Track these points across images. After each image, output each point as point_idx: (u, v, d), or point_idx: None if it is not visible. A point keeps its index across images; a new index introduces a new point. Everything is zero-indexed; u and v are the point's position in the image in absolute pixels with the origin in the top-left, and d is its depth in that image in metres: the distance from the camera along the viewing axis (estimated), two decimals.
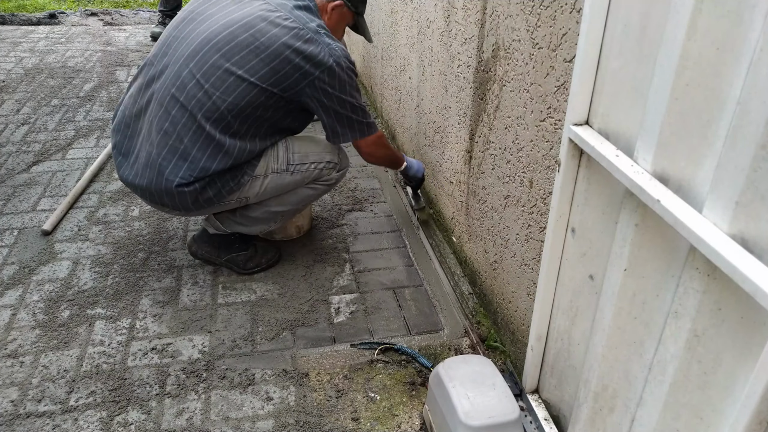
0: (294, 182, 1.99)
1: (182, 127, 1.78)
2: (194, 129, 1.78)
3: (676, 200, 0.89)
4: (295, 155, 1.98)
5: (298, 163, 1.98)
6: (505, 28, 1.58)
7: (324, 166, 2.03)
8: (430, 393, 1.51)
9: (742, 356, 0.83)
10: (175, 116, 1.78)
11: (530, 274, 1.56)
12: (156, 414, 1.59)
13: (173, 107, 1.78)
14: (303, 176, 2.00)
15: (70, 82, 3.93)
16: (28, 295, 2.01)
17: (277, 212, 2.06)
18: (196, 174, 1.78)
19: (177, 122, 1.78)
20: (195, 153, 1.78)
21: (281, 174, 1.96)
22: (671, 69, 0.86)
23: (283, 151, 1.96)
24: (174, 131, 1.78)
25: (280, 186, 1.98)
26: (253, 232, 2.13)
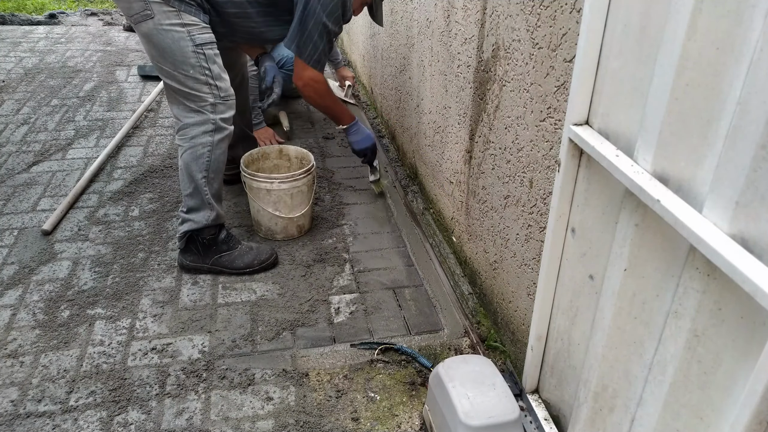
0: (176, 66, 1.90)
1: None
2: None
3: (676, 200, 0.89)
4: (208, 58, 1.92)
5: (199, 64, 1.91)
6: (505, 28, 1.58)
7: (209, 93, 1.95)
8: (430, 393, 1.51)
9: (742, 356, 0.83)
10: None
11: (530, 274, 1.56)
12: (156, 414, 1.59)
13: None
14: (185, 75, 1.91)
15: (70, 82, 3.93)
16: (28, 295, 2.01)
17: (191, 175, 2.01)
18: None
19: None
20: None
21: (182, 44, 1.88)
22: (671, 69, 0.86)
23: (210, 46, 1.93)
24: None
25: (164, 48, 1.88)
26: (199, 220, 2.07)
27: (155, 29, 1.86)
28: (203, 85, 1.93)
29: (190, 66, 1.90)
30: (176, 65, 1.90)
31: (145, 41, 1.92)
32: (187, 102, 1.96)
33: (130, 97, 3.70)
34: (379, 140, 3.25)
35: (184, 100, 1.96)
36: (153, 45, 1.90)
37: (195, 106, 1.96)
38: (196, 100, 1.95)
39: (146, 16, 1.85)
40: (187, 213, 2.08)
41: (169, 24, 1.86)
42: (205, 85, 1.93)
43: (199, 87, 1.93)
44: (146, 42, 1.92)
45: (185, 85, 1.93)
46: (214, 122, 1.98)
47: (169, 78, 1.93)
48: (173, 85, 1.94)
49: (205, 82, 1.93)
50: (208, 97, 1.95)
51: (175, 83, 1.93)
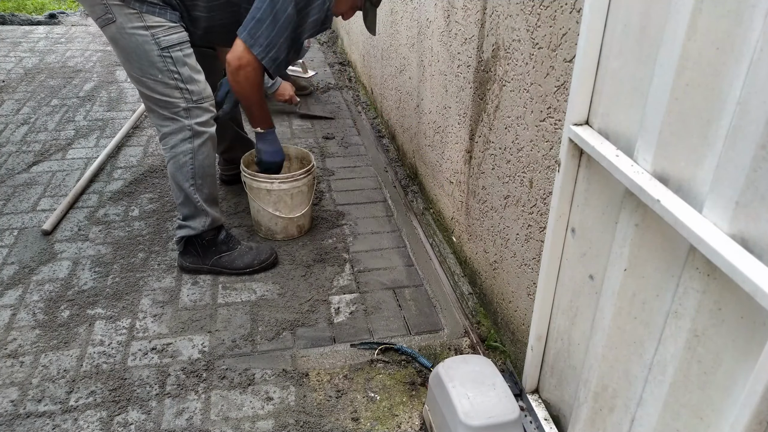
0: (144, 70, 1.82)
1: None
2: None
3: (676, 200, 0.89)
4: (176, 60, 1.83)
5: (168, 67, 1.82)
6: (505, 28, 1.58)
7: (180, 98, 1.87)
8: (430, 393, 1.51)
9: (742, 356, 0.83)
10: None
11: (530, 274, 1.56)
12: (156, 414, 1.59)
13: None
14: (153, 80, 1.84)
15: (70, 82, 3.93)
16: (28, 295, 2.01)
17: (180, 185, 1.97)
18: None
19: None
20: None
21: (148, 47, 1.79)
22: (671, 69, 0.86)
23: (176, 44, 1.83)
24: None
25: (129, 53, 1.81)
26: (196, 227, 2.05)
27: (119, 33, 1.80)
28: (173, 89, 1.86)
29: (157, 70, 1.83)
30: (143, 71, 1.84)
31: (112, 46, 1.87)
32: (160, 110, 1.90)
33: (130, 97, 3.70)
34: (379, 140, 3.25)
35: (156, 108, 1.90)
36: (119, 50, 1.84)
37: (168, 113, 1.89)
38: (169, 106, 1.88)
39: (108, 20, 1.79)
40: (183, 221, 2.07)
41: (131, 27, 1.78)
42: (175, 89, 1.86)
43: (169, 92, 1.86)
44: (113, 47, 1.86)
45: (155, 91, 1.86)
46: (190, 128, 1.91)
47: (139, 84, 1.88)
48: (144, 91, 1.88)
49: (175, 87, 1.85)
50: (180, 102, 1.88)
51: (145, 89, 1.87)
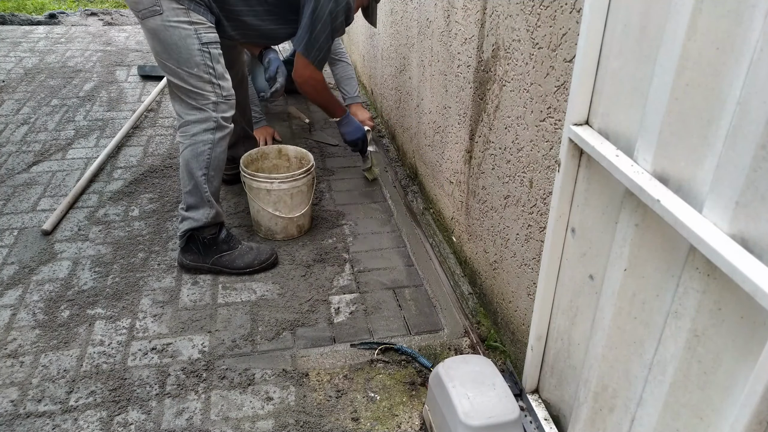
0: (180, 65, 1.91)
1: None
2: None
3: (676, 200, 0.89)
4: (213, 57, 1.95)
5: (204, 63, 1.93)
6: (505, 28, 1.58)
7: (211, 92, 1.96)
8: (430, 393, 1.51)
9: (742, 356, 0.83)
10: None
11: (530, 274, 1.56)
12: (156, 414, 1.59)
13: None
14: (188, 72, 1.92)
15: (70, 82, 3.93)
16: (28, 295, 2.01)
17: (192, 172, 2.02)
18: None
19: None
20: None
21: (188, 41, 1.89)
22: (671, 69, 0.86)
23: (213, 42, 1.96)
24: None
25: (170, 45, 1.90)
26: (199, 218, 2.07)
27: (163, 25, 1.87)
28: (206, 83, 1.94)
29: (194, 64, 1.91)
30: (181, 62, 1.91)
31: (150, 37, 1.92)
32: (189, 100, 1.97)
33: (130, 97, 3.70)
34: (379, 140, 3.25)
35: (186, 98, 1.97)
36: (159, 41, 1.90)
37: (197, 104, 1.97)
38: (199, 98, 1.96)
39: (155, 12, 1.86)
40: (186, 211, 2.08)
41: (177, 21, 1.87)
42: (208, 83, 1.95)
43: (202, 85, 1.94)
44: (152, 38, 1.92)
45: (188, 83, 1.93)
46: (215, 120, 1.99)
47: (173, 75, 1.94)
48: (176, 82, 1.95)
49: (208, 81, 1.94)
50: (211, 95, 1.96)
51: (179, 80, 1.94)
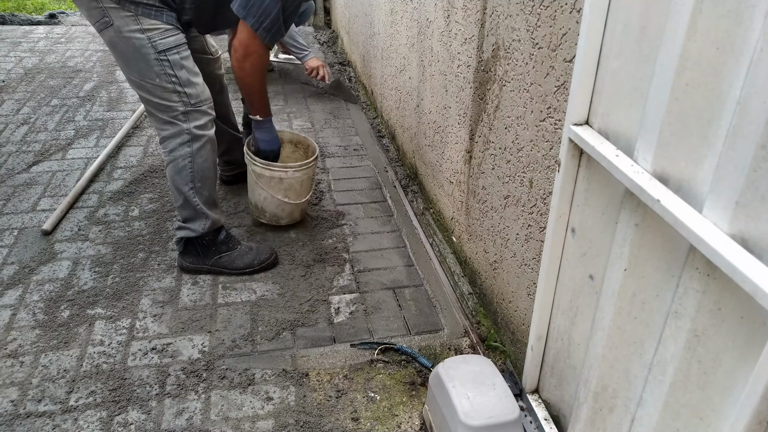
0: (143, 73, 1.82)
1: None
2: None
3: (676, 200, 0.89)
4: (175, 64, 1.83)
5: (166, 71, 1.82)
6: (505, 28, 1.58)
7: (178, 101, 1.87)
8: (430, 393, 1.51)
9: (742, 356, 0.83)
10: None
11: (530, 274, 1.56)
12: (156, 414, 1.59)
13: None
14: (152, 84, 1.84)
15: (70, 82, 3.93)
16: (28, 295, 2.01)
17: (179, 188, 1.98)
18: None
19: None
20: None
21: (143, 48, 1.78)
22: (671, 69, 0.86)
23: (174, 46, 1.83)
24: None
25: (128, 57, 1.81)
26: (196, 229, 2.05)
27: (117, 37, 1.79)
28: (171, 93, 1.86)
29: (155, 74, 1.82)
30: (142, 74, 1.83)
31: (110, 50, 1.86)
32: (159, 113, 1.90)
33: (130, 97, 3.70)
34: (379, 140, 3.25)
35: (156, 112, 1.90)
36: (117, 54, 1.85)
37: (167, 116, 1.90)
38: (167, 110, 1.88)
39: (106, 24, 1.78)
40: (183, 222, 2.07)
41: (128, 31, 1.78)
42: (173, 93, 1.86)
43: (167, 96, 1.86)
44: (111, 51, 1.86)
45: (154, 95, 1.86)
46: (188, 132, 1.92)
47: (138, 88, 1.88)
48: (143, 95, 1.88)
49: (173, 90, 1.86)
50: (178, 105, 1.88)
51: (145, 93, 1.87)
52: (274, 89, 3.86)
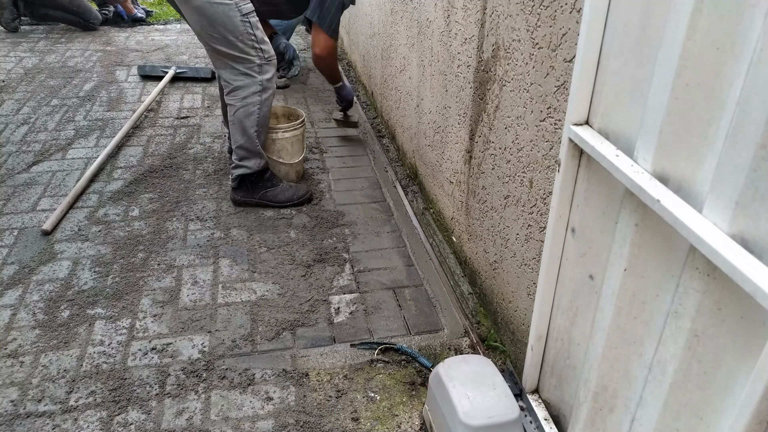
0: (227, 28, 2.18)
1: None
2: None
3: (676, 200, 0.89)
4: (252, 24, 2.22)
5: (247, 29, 2.21)
6: (505, 28, 1.58)
7: (256, 55, 2.27)
8: (430, 393, 1.51)
9: (742, 356, 0.83)
10: None
11: (530, 274, 1.56)
12: (156, 414, 1.59)
13: None
14: (235, 40, 2.20)
15: (70, 82, 3.93)
16: (28, 295, 2.01)
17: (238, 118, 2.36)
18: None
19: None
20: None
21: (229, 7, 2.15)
22: (671, 69, 0.86)
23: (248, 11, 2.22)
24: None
25: (216, 19, 2.16)
26: (251, 166, 2.45)
27: (207, 3, 2.13)
28: (251, 48, 2.24)
29: (239, 33, 2.19)
30: (227, 32, 2.18)
31: (196, 14, 2.16)
32: (236, 65, 2.26)
33: (130, 97, 3.71)
34: (379, 140, 3.25)
35: (233, 63, 2.26)
36: (205, 17, 2.16)
37: (243, 68, 2.27)
38: (245, 62, 2.26)
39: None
40: (240, 161, 2.44)
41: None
42: (252, 48, 2.24)
43: (247, 50, 2.24)
44: (198, 15, 2.16)
45: (236, 49, 2.22)
46: (261, 83, 2.31)
47: (221, 44, 2.21)
48: (224, 50, 2.22)
49: (252, 46, 2.24)
50: (255, 58, 2.26)
51: (227, 48, 2.21)
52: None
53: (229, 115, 2.38)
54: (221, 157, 2.98)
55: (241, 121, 2.36)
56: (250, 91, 2.31)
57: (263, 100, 2.34)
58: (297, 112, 2.79)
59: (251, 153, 2.43)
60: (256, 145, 2.41)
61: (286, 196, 2.54)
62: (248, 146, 2.40)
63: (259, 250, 2.28)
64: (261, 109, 2.35)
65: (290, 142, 2.62)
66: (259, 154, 2.45)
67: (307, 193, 2.59)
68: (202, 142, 3.14)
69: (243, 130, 2.37)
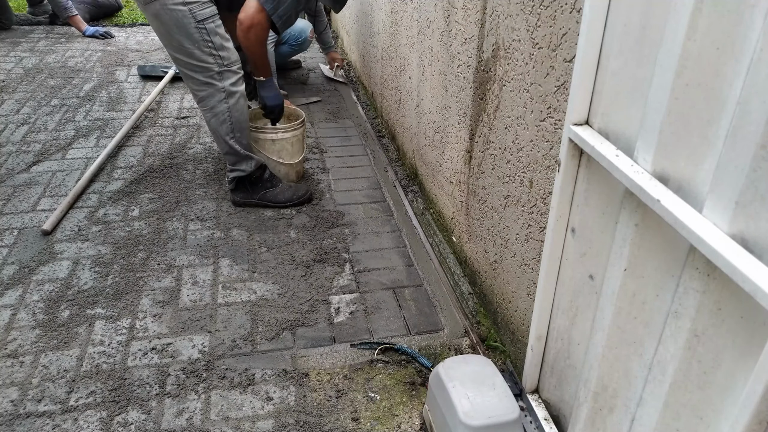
0: (183, 36, 2.13)
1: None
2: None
3: (676, 200, 0.89)
4: (210, 28, 2.16)
5: (205, 36, 2.15)
6: (505, 27, 1.58)
7: (213, 63, 2.20)
8: (430, 393, 1.51)
9: (742, 356, 0.83)
10: None
11: (530, 274, 1.56)
12: (156, 414, 1.59)
13: None
14: (190, 49, 2.16)
15: (70, 82, 3.93)
16: (28, 295, 2.01)
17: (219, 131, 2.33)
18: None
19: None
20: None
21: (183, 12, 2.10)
22: (671, 69, 0.86)
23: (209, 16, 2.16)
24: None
25: (170, 27, 2.12)
26: (245, 169, 2.42)
27: (162, 10, 2.09)
28: (208, 56, 2.19)
29: (194, 41, 2.15)
30: (182, 41, 2.15)
31: (152, 20, 2.15)
32: (196, 75, 2.22)
33: (130, 97, 3.71)
34: (379, 140, 3.25)
35: (193, 74, 2.23)
36: (161, 24, 2.14)
37: (203, 77, 2.23)
38: (204, 71, 2.21)
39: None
40: (232, 165, 2.44)
41: (172, 4, 2.08)
42: (209, 56, 2.19)
43: (204, 58, 2.19)
44: (154, 21, 2.15)
45: (193, 58, 2.18)
46: (224, 90, 2.26)
47: (178, 53, 2.19)
48: (182, 59, 2.19)
49: (209, 54, 2.19)
50: (214, 66, 2.21)
51: (184, 57, 2.18)
52: None
53: (207, 126, 2.38)
54: (221, 157, 2.98)
55: (216, 130, 2.35)
56: (216, 99, 2.27)
57: (231, 106, 2.29)
58: (297, 112, 2.79)
59: (239, 157, 2.41)
60: (239, 150, 2.38)
61: (286, 196, 2.54)
62: (232, 152, 2.39)
63: (259, 250, 2.28)
64: (232, 115, 2.31)
65: (290, 142, 2.62)
66: (247, 156, 2.42)
67: (307, 193, 2.59)
68: (202, 142, 3.14)
69: (221, 139, 2.36)
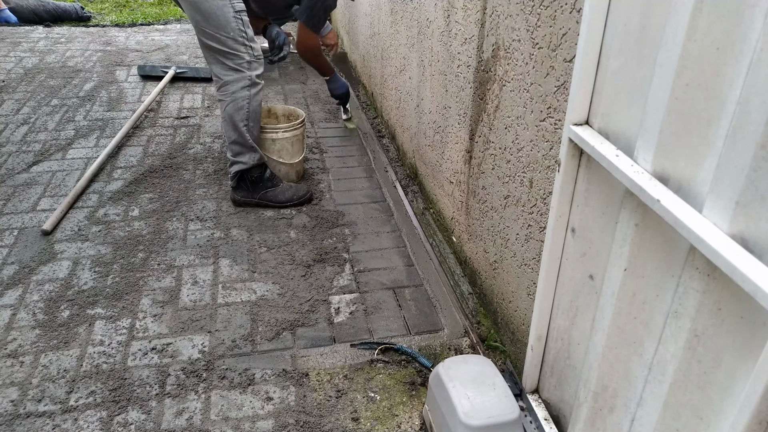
0: (217, 22, 2.25)
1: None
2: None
3: (676, 200, 0.89)
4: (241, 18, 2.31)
5: (238, 26, 2.30)
6: (505, 28, 1.58)
7: (245, 52, 2.34)
8: (430, 393, 1.51)
9: (742, 356, 0.83)
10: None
11: (530, 274, 1.56)
12: (156, 414, 1.59)
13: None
14: (226, 36, 2.28)
15: (70, 82, 3.93)
16: (28, 295, 2.01)
17: (229, 120, 2.41)
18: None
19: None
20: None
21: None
22: (671, 69, 0.86)
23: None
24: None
25: (210, 14, 2.24)
26: (246, 161, 2.47)
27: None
28: (241, 45, 2.31)
29: (231, 29, 2.26)
30: (219, 28, 2.25)
31: (192, 8, 2.24)
32: (226, 61, 2.33)
33: (130, 97, 3.71)
34: (379, 140, 3.25)
35: (223, 59, 2.33)
36: (200, 12, 2.23)
37: (233, 64, 2.34)
38: (235, 58, 2.32)
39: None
40: (234, 157, 2.47)
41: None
42: (242, 45, 2.31)
43: (237, 47, 2.30)
44: (193, 9, 2.24)
45: (226, 45, 2.29)
46: (249, 78, 2.37)
47: (212, 40, 2.28)
48: (215, 45, 2.29)
49: (242, 43, 2.31)
50: (245, 55, 2.33)
51: (218, 44, 2.28)
52: (275, 89, 3.86)
53: (220, 111, 2.43)
54: (221, 157, 2.98)
55: (231, 116, 2.40)
56: (239, 85, 2.36)
57: (252, 95, 2.39)
58: (297, 112, 2.80)
59: (244, 148, 2.45)
60: (248, 139, 2.44)
61: (286, 196, 2.55)
62: (240, 141, 2.43)
63: (259, 250, 2.28)
64: (250, 104, 2.39)
65: (290, 142, 2.64)
66: (253, 148, 2.47)
67: (307, 193, 2.60)
68: (202, 142, 3.14)
69: (234, 125, 2.41)
